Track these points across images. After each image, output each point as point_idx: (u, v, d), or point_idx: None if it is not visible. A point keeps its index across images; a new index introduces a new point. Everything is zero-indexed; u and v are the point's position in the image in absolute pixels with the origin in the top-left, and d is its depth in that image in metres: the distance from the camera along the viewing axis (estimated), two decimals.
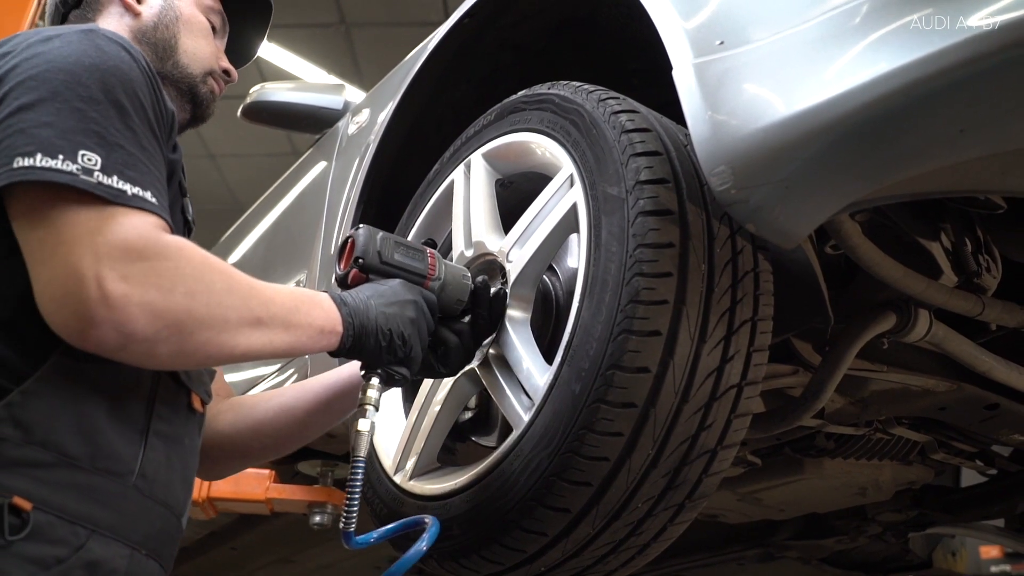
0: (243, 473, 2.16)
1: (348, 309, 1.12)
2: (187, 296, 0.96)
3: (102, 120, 0.98)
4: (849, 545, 2.49)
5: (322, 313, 1.10)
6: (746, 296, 1.17)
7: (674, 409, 1.11)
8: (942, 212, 1.41)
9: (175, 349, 0.96)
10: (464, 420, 1.46)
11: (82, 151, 0.94)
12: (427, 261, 1.24)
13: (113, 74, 1.01)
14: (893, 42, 0.93)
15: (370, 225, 1.23)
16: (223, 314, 0.99)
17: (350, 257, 1.21)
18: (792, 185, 1.02)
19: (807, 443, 1.92)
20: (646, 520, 1.19)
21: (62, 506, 0.95)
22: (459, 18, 1.72)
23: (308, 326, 1.07)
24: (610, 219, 1.17)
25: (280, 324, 1.05)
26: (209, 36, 1.38)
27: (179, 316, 0.95)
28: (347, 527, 1.15)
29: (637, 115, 1.24)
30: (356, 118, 2.37)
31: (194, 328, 0.96)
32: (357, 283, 1.20)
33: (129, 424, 1.04)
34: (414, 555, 1.12)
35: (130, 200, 0.95)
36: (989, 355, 1.51)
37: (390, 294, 1.17)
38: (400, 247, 1.23)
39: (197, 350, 0.98)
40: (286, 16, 7.42)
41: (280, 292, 1.07)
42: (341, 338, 1.11)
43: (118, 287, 0.91)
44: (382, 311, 1.14)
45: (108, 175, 0.95)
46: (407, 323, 1.16)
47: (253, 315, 1.02)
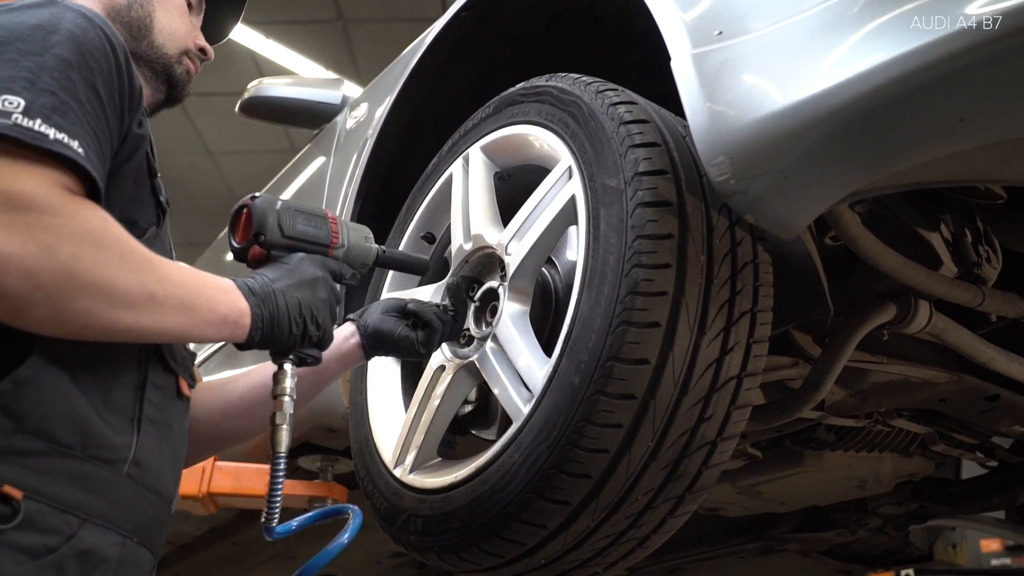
0: (243, 468, 2.16)
1: (256, 299, 1.07)
2: (71, 258, 0.89)
3: (35, 68, 0.93)
4: (849, 538, 2.49)
5: (227, 300, 1.04)
6: (745, 287, 1.17)
7: (674, 401, 1.11)
8: (942, 202, 1.41)
9: (49, 313, 0.90)
10: (464, 413, 1.46)
11: (4, 96, 0.90)
12: (330, 228, 1.18)
13: (56, 32, 0.98)
14: (891, 31, 0.93)
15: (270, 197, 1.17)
16: (110, 283, 0.92)
17: (247, 231, 1.13)
18: (791, 175, 1.02)
19: (807, 435, 1.92)
20: (646, 512, 1.19)
21: (53, 495, 0.94)
22: (456, 11, 1.71)
23: (209, 312, 1.02)
24: (609, 211, 1.17)
25: (177, 305, 0.98)
26: (185, 14, 1.34)
27: (58, 278, 0.88)
28: (268, 522, 1.11)
29: (635, 106, 1.24)
30: (354, 113, 2.37)
31: (73, 293, 0.90)
32: (257, 259, 1.14)
33: (121, 412, 1.03)
34: (335, 548, 1.10)
35: (51, 144, 0.90)
36: (989, 346, 1.51)
37: (297, 274, 1.12)
38: (301, 215, 1.16)
39: (75, 317, 0.91)
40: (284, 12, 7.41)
41: (183, 271, 1.01)
42: (249, 331, 1.06)
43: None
44: (293, 296, 1.09)
45: (31, 118, 0.90)
46: (320, 304, 1.12)
47: (146, 290, 0.95)
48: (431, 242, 1.64)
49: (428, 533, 1.30)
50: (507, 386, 1.26)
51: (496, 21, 1.73)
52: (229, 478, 2.12)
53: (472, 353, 1.37)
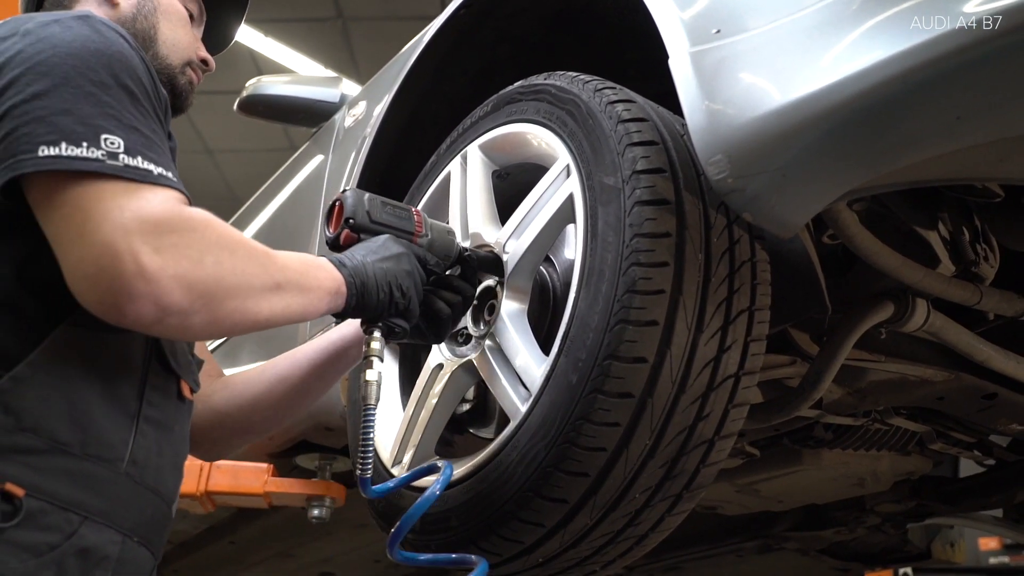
0: (241, 467, 2.17)
1: (348, 270, 1.14)
2: (216, 265, 0.97)
3: (115, 104, 0.99)
4: (848, 536, 2.49)
5: (327, 276, 1.12)
6: (743, 286, 1.17)
7: (671, 399, 1.11)
8: (939, 201, 1.41)
9: (208, 318, 0.98)
10: (461, 412, 1.46)
11: (104, 135, 0.96)
12: (414, 219, 1.26)
13: (117, 59, 1.02)
14: (890, 29, 0.93)
15: (358, 190, 1.25)
16: (248, 281, 1.01)
17: (340, 218, 1.22)
18: (789, 173, 1.02)
19: (805, 434, 1.92)
20: (644, 511, 1.19)
21: (54, 492, 0.95)
22: (455, 9, 1.71)
23: (319, 288, 1.09)
24: (607, 209, 1.17)
25: (296, 288, 1.06)
26: (187, 25, 1.37)
27: (210, 286, 0.97)
28: (364, 473, 1.16)
29: (634, 105, 1.24)
30: (352, 111, 2.37)
31: (224, 296, 0.98)
32: (348, 243, 1.22)
33: (119, 410, 1.04)
34: (428, 497, 1.14)
35: (156, 179, 0.97)
36: (987, 344, 1.51)
37: (383, 250, 1.19)
38: (387, 206, 1.25)
39: (227, 317, 0.99)
40: (283, 11, 7.41)
41: (291, 258, 1.09)
42: (346, 299, 1.13)
43: (153, 260, 0.92)
44: (379, 267, 1.16)
45: (132, 156, 0.96)
46: (404, 275, 1.18)
47: (273, 280, 1.04)
48: None
49: (426, 531, 1.30)
50: (505, 384, 1.26)
51: (495, 19, 1.73)
52: (227, 477, 2.12)
53: (470, 351, 1.37)
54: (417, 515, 1.13)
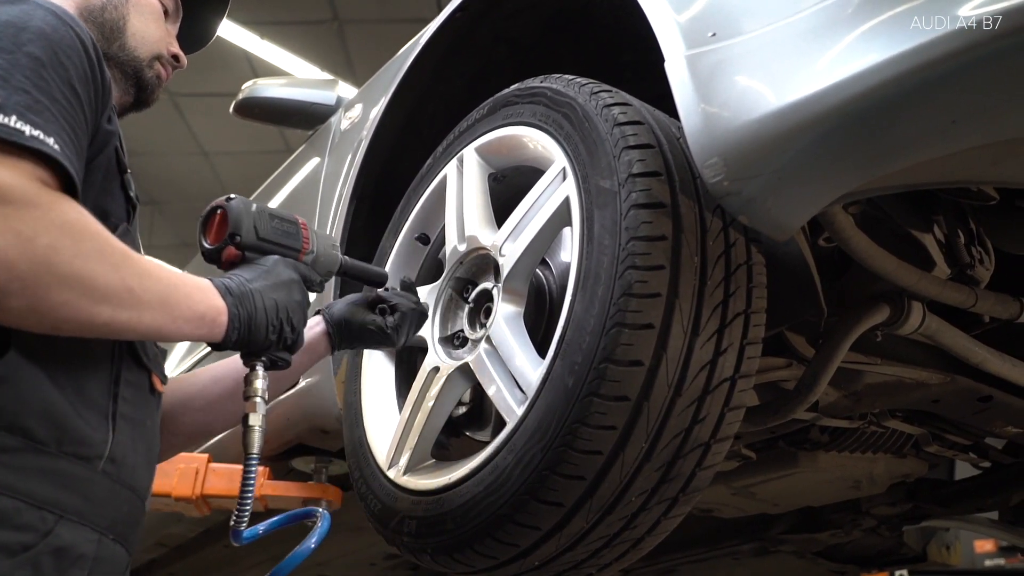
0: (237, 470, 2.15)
1: (234, 299, 1.06)
2: (49, 249, 0.88)
3: (7, 66, 0.93)
4: (843, 539, 2.49)
5: (204, 298, 1.03)
6: (739, 289, 1.17)
7: (667, 402, 1.11)
8: (935, 204, 1.41)
9: (27, 304, 0.89)
10: (458, 415, 1.46)
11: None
12: (301, 234, 1.18)
13: (28, 30, 0.97)
14: (885, 32, 0.93)
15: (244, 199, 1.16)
16: (89, 276, 0.91)
17: (223, 231, 1.12)
18: (785, 177, 1.02)
19: (801, 436, 1.92)
20: (640, 514, 1.19)
21: (29, 491, 0.93)
22: (451, 12, 1.71)
23: (187, 308, 1.01)
24: (603, 212, 1.17)
25: (155, 301, 0.97)
26: (160, 20, 1.34)
27: (36, 268, 0.87)
28: (237, 525, 1.10)
29: (630, 108, 1.24)
30: (349, 114, 2.37)
31: (52, 284, 0.89)
32: (231, 261, 1.13)
33: (95, 408, 1.02)
34: (302, 552, 1.10)
35: (26, 140, 0.90)
36: (982, 347, 1.51)
37: (273, 276, 1.11)
38: (275, 219, 1.16)
39: (53, 310, 0.90)
40: (279, 13, 7.41)
41: (160, 268, 1.00)
42: (226, 330, 1.05)
43: None
44: (270, 297, 1.09)
45: (5, 115, 0.89)
46: (296, 307, 1.12)
47: (124, 284, 0.94)
48: (425, 243, 1.63)
49: (422, 535, 1.30)
50: (501, 388, 1.26)
51: (491, 22, 1.73)
52: (223, 480, 2.11)
53: (466, 354, 1.38)
54: (288, 570, 1.10)
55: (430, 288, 1.51)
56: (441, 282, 1.49)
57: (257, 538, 1.15)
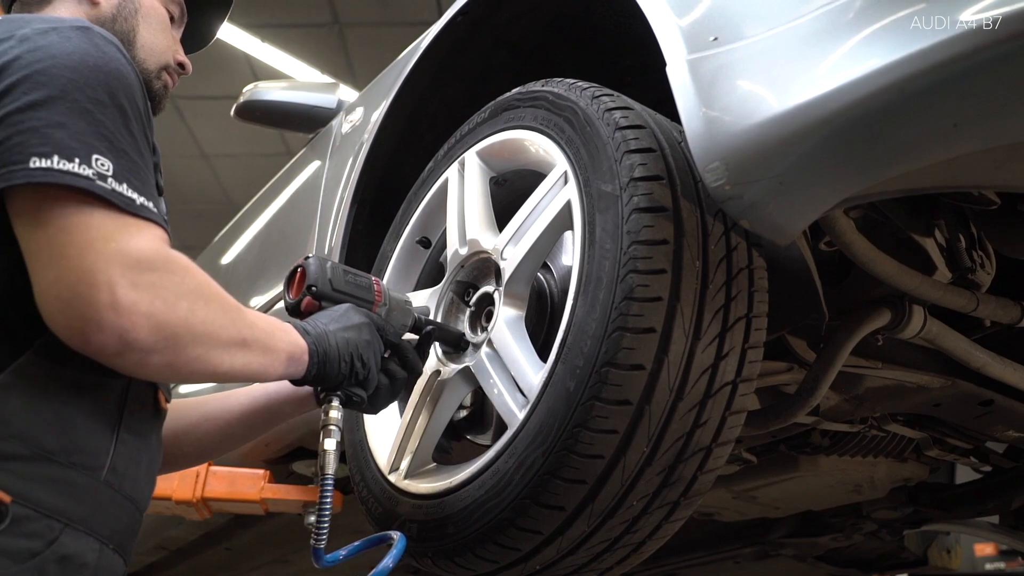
0: (238, 473, 2.16)
1: (311, 338, 1.15)
2: (188, 311, 0.98)
3: (109, 124, 0.99)
4: (844, 542, 2.49)
5: (291, 340, 1.13)
6: (740, 293, 1.17)
7: (669, 406, 1.11)
8: (936, 208, 1.41)
9: (168, 361, 0.98)
10: (459, 418, 1.46)
11: (95, 155, 0.96)
12: (374, 288, 1.29)
13: (115, 77, 1.02)
14: (886, 37, 0.93)
15: (321, 257, 1.27)
16: (216, 332, 1.02)
17: (302, 285, 1.24)
18: (786, 181, 1.02)
19: (802, 440, 1.92)
20: (641, 518, 1.18)
21: (38, 500, 0.95)
22: (452, 16, 1.71)
23: (282, 351, 1.11)
24: (604, 216, 1.17)
25: (260, 347, 1.08)
26: (167, 29, 1.36)
27: (178, 329, 0.97)
28: (318, 543, 1.19)
29: (631, 112, 1.24)
30: (350, 117, 2.37)
31: (189, 342, 0.99)
32: (309, 310, 1.23)
33: (102, 419, 1.04)
34: (381, 572, 1.16)
35: (139, 209, 0.98)
36: (983, 351, 1.51)
37: (345, 319, 1.20)
38: (348, 274, 1.27)
39: (187, 364, 1.00)
40: (280, 16, 7.41)
41: (260, 317, 1.11)
42: (307, 367, 1.14)
43: (128, 294, 0.93)
44: (342, 336, 1.18)
45: (119, 182, 0.97)
46: (365, 346, 1.20)
47: (240, 335, 1.05)
48: (427, 247, 1.64)
49: (423, 538, 1.30)
50: (502, 391, 1.26)
51: (492, 26, 1.73)
52: (223, 483, 2.11)
53: (468, 358, 1.37)
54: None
55: (431, 292, 1.51)
56: (442, 286, 1.49)
57: (337, 563, 1.24)
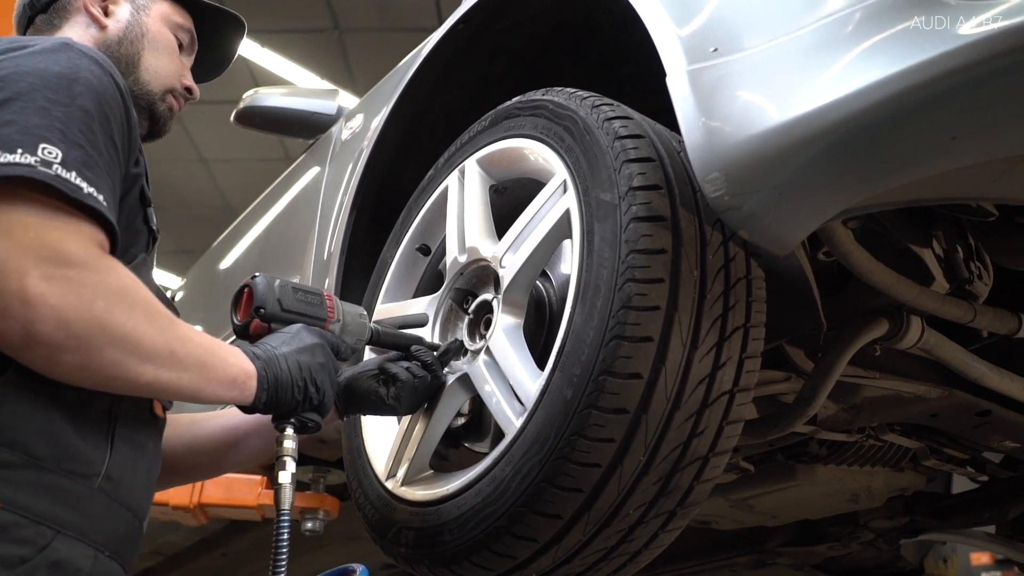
0: (235, 479, 2.16)
1: (261, 363, 1.11)
2: (105, 311, 0.95)
3: (64, 120, 0.98)
4: (841, 551, 2.49)
5: (236, 362, 1.09)
6: (738, 302, 1.17)
7: (666, 415, 1.11)
8: (934, 219, 1.41)
9: (80, 362, 0.95)
10: (457, 425, 1.46)
11: (43, 144, 0.94)
12: (325, 305, 1.24)
13: (79, 82, 1.03)
14: (886, 49, 0.93)
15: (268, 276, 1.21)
16: (138, 338, 0.97)
17: (249, 307, 1.19)
18: (785, 192, 1.03)
19: (800, 449, 1.92)
20: (637, 527, 1.18)
21: (29, 506, 0.96)
22: (453, 24, 1.72)
23: (221, 371, 1.06)
24: (603, 225, 1.17)
25: (194, 364, 1.03)
26: (174, 54, 1.38)
27: (91, 329, 0.94)
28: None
29: (630, 121, 1.24)
30: (350, 123, 2.37)
31: (104, 345, 0.95)
32: (258, 333, 1.18)
33: (94, 427, 1.05)
34: None
35: (85, 197, 0.96)
36: (981, 362, 1.52)
37: (297, 340, 1.16)
38: (298, 292, 1.22)
39: (102, 369, 0.96)
40: (280, 21, 7.42)
41: (198, 334, 1.06)
42: (256, 392, 1.10)
43: (38, 285, 0.90)
44: (294, 360, 1.13)
45: (67, 170, 0.95)
46: (319, 368, 1.15)
47: (168, 347, 1.00)
48: (426, 254, 1.64)
49: (419, 546, 1.29)
50: (500, 399, 1.26)
51: (493, 33, 1.73)
52: (220, 489, 2.11)
53: (466, 365, 1.38)
54: None
55: (430, 299, 1.51)
56: (441, 293, 1.49)
57: None
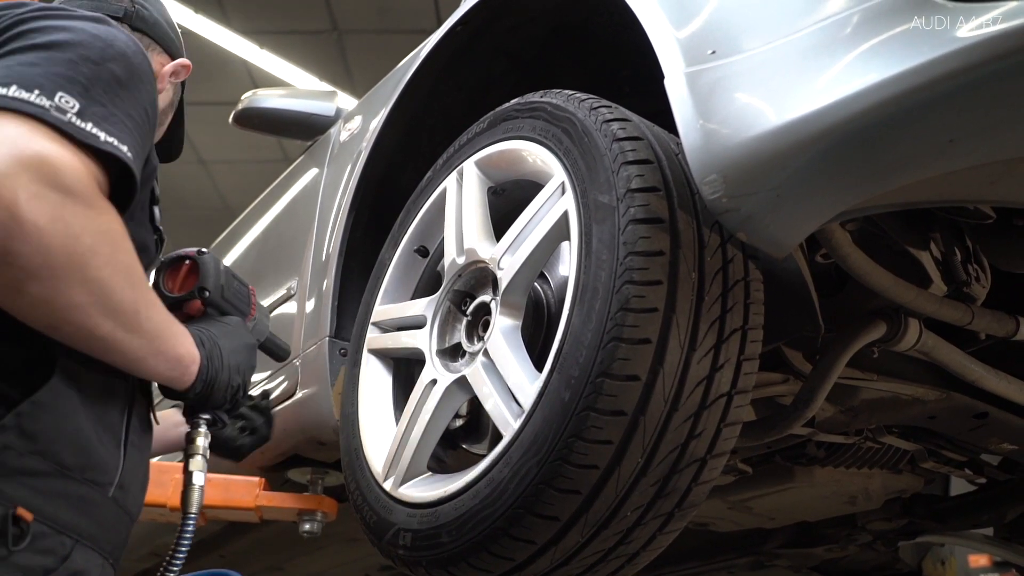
0: (233, 480, 2.15)
1: (204, 351, 1.08)
2: (89, 250, 0.89)
3: (92, 76, 0.95)
4: (839, 553, 2.49)
5: (186, 343, 1.06)
6: (736, 305, 1.17)
7: (664, 417, 1.11)
8: (932, 222, 1.41)
9: (46, 295, 0.88)
10: (455, 427, 1.46)
11: (60, 92, 0.90)
12: (250, 300, 1.20)
13: (114, 47, 1.00)
14: (883, 52, 0.93)
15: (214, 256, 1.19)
16: (110, 287, 0.92)
17: (190, 283, 1.14)
18: (783, 194, 1.03)
19: (797, 451, 1.92)
20: (635, 529, 1.18)
21: (54, 516, 0.95)
22: (452, 26, 1.72)
23: (171, 348, 1.04)
24: (601, 227, 1.17)
25: (150, 332, 0.99)
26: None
27: (69, 262, 0.87)
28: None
29: (629, 123, 1.24)
30: (348, 125, 2.37)
31: (76, 283, 0.89)
32: (191, 314, 1.14)
33: (112, 435, 1.05)
34: None
35: (102, 144, 0.92)
36: (978, 364, 1.52)
37: (237, 338, 1.13)
38: (235, 282, 1.17)
39: (65, 310, 0.90)
40: (278, 23, 7.42)
41: (160, 304, 1.02)
42: (194, 380, 1.07)
43: (30, 203, 0.84)
44: (233, 359, 1.11)
45: (83, 120, 0.91)
46: (248, 372, 1.14)
47: (134, 307, 0.96)
48: (424, 255, 1.64)
49: (417, 547, 1.29)
50: (498, 401, 1.26)
51: (491, 36, 1.73)
52: (218, 490, 2.11)
53: (464, 367, 1.38)
54: None
55: (429, 301, 1.51)
56: (439, 295, 1.49)
57: None
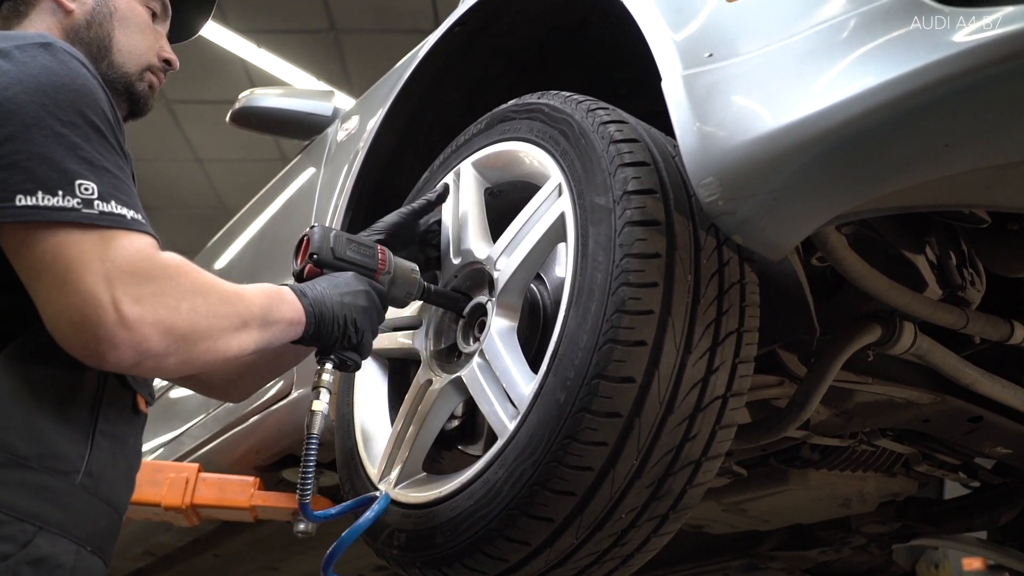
0: (227, 480, 2.15)
1: (308, 300, 1.19)
2: (191, 311, 1.03)
3: (85, 145, 1.01)
4: (833, 556, 2.50)
5: (289, 307, 1.17)
6: (732, 307, 1.17)
7: (659, 420, 1.11)
8: (927, 225, 1.42)
9: (181, 359, 1.03)
10: (450, 428, 1.46)
11: (78, 180, 0.98)
12: (377, 257, 1.31)
13: (83, 94, 1.04)
14: (880, 56, 0.93)
15: (326, 227, 1.30)
16: (219, 323, 1.06)
17: (306, 253, 1.28)
18: (780, 197, 1.03)
19: (792, 454, 1.92)
20: (630, 531, 1.19)
21: (11, 504, 0.98)
22: (450, 26, 1.72)
23: (281, 320, 1.15)
24: (597, 229, 1.17)
25: (260, 323, 1.12)
26: (147, 28, 1.33)
27: (185, 330, 1.02)
28: (303, 499, 1.21)
29: (626, 125, 1.24)
30: (345, 125, 2.37)
31: (197, 339, 1.04)
32: (311, 277, 1.27)
33: (75, 424, 1.07)
34: (362, 524, 1.21)
35: (130, 224, 1.01)
36: (973, 368, 1.52)
37: (343, 285, 1.24)
38: (352, 244, 1.30)
39: (199, 357, 1.05)
40: (276, 22, 7.42)
41: (255, 293, 1.13)
42: (304, 328, 1.18)
43: (133, 309, 0.98)
44: (338, 300, 1.21)
45: (106, 202, 1.00)
46: (360, 311, 1.23)
47: (241, 319, 1.09)
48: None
49: (411, 548, 1.29)
50: (493, 402, 1.26)
51: (488, 36, 1.73)
52: (213, 490, 2.10)
53: (459, 368, 1.38)
54: (350, 540, 1.20)
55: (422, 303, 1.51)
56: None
57: (328, 519, 1.28)
